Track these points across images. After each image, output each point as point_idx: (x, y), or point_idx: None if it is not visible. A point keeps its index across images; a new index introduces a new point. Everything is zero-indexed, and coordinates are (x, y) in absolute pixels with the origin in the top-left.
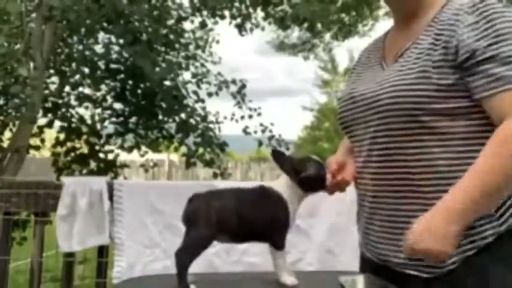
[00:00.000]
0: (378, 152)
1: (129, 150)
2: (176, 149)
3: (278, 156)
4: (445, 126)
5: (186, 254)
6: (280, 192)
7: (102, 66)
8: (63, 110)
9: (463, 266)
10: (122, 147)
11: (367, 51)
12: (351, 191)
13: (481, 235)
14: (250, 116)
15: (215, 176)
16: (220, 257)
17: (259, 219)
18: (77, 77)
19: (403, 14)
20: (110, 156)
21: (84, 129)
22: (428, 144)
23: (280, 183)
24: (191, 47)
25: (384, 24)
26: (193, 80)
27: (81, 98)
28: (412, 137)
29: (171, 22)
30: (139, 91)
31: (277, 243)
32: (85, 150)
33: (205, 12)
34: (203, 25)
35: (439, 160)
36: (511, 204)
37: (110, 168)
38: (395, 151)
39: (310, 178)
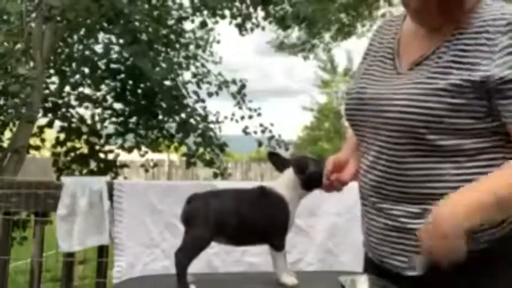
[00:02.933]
0: (383, 162)
1: (129, 150)
2: (176, 149)
3: (275, 158)
4: (453, 145)
5: (185, 255)
6: (281, 193)
7: (102, 66)
8: (63, 110)
9: (456, 270)
10: (122, 147)
11: (381, 33)
12: (352, 191)
13: (475, 241)
14: (250, 116)
15: (215, 176)
16: (220, 257)
17: (259, 220)
18: (77, 77)
19: (429, 27)
20: (110, 156)
21: (84, 129)
22: (435, 160)
23: (281, 184)
24: (191, 47)
25: None
26: (194, 80)
27: (81, 98)
28: (418, 152)
29: (171, 22)
30: (139, 91)
31: (277, 245)
32: (85, 150)
33: (205, 12)
34: (203, 25)
35: (446, 176)
36: None
37: (110, 168)
38: (401, 165)
39: (313, 175)
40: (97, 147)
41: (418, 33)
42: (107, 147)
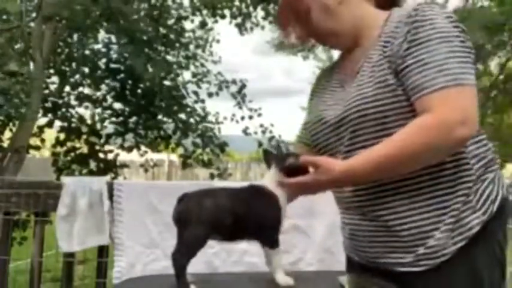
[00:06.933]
0: None
1: (129, 150)
2: (173, 150)
3: (268, 156)
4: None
5: (182, 255)
6: (271, 190)
7: (102, 66)
8: (63, 110)
9: (455, 257)
10: (121, 146)
11: (324, 76)
12: None
13: (468, 226)
14: (251, 117)
15: (212, 176)
16: (220, 257)
17: (252, 217)
18: (77, 76)
19: (345, 49)
20: (110, 156)
21: (84, 129)
22: None
23: (268, 180)
24: (191, 47)
25: None
26: (194, 80)
27: (81, 98)
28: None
29: (171, 21)
30: (139, 91)
31: (271, 242)
32: (85, 150)
33: (205, 12)
34: (203, 24)
35: None
36: (489, 193)
37: (109, 168)
38: None
39: (291, 166)
40: (97, 147)
41: (352, 54)
42: (106, 147)
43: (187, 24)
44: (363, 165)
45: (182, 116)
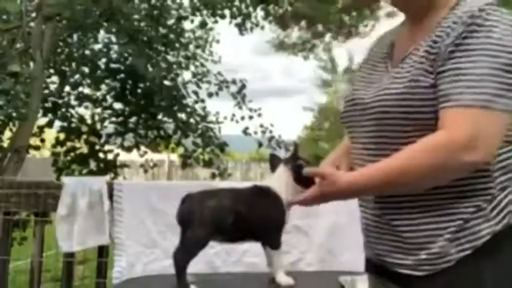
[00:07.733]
0: (369, 157)
1: (129, 150)
2: (173, 150)
3: (273, 158)
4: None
5: (183, 255)
6: (276, 191)
7: (102, 66)
8: (63, 110)
9: (459, 265)
10: (121, 146)
11: (379, 44)
12: None
13: (477, 235)
14: (251, 117)
15: (213, 176)
16: (220, 257)
17: (255, 218)
18: (77, 76)
19: (412, 15)
20: (110, 156)
21: (84, 129)
22: None
23: (274, 181)
24: (191, 47)
25: (385, 24)
26: (194, 80)
27: (81, 98)
28: (402, 146)
29: (171, 22)
30: (139, 91)
31: (274, 243)
32: (85, 150)
33: (205, 12)
34: (203, 24)
35: None
36: (507, 203)
37: (109, 168)
38: (385, 158)
39: (304, 166)
40: (97, 147)
41: (408, 33)
42: (106, 147)
43: (187, 24)
44: (367, 180)
45: (182, 116)
